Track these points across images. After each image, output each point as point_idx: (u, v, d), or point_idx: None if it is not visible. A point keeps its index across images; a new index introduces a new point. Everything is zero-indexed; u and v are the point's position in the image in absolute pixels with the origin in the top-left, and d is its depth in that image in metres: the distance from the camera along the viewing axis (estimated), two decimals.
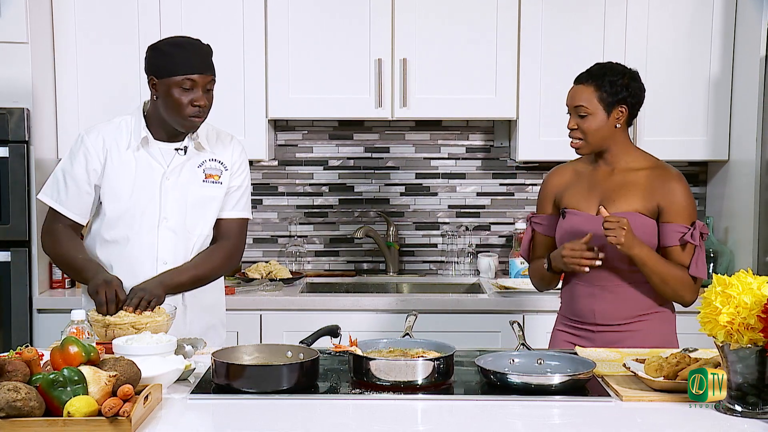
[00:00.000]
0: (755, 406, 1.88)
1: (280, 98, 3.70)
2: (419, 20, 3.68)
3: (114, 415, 1.75)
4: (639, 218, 2.54)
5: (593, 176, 2.64)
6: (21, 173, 3.45)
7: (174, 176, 2.65)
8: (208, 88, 2.58)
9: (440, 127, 4.09)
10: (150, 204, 2.63)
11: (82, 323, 2.28)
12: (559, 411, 2.00)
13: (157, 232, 2.64)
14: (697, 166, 4.05)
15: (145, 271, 2.61)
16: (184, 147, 2.66)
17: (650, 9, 3.69)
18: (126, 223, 2.64)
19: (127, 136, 2.65)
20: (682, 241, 2.53)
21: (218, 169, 2.70)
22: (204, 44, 2.63)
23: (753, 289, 1.84)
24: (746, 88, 3.57)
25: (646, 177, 2.58)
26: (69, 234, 2.66)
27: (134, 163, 2.64)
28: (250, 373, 2.07)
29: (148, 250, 2.64)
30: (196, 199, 2.67)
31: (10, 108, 3.43)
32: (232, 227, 2.75)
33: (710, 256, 3.72)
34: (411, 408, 2.02)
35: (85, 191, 2.65)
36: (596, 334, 2.62)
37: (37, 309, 3.52)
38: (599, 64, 2.61)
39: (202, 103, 2.56)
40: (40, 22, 3.58)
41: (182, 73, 2.54)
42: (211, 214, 2.71)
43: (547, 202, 2.74)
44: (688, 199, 2.56)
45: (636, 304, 2.59)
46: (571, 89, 2.60)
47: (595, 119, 2.53)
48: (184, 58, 2.55)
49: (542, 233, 2.75)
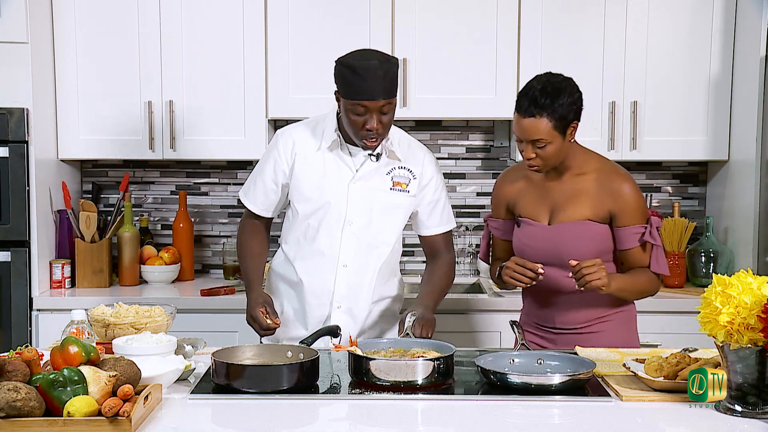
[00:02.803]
0: (755, 406, 1.89)
1: (280, 98, 3.70)
2: (419, 20, 3.68)
3: (114, 415, 1.76)
4: (590, 226, 2.55)
5: (544, 183, 2.63)
6: (21, 173, 3.45)
7: (362, 181, 2.66)
8: (383, 111, 2.51)
9: (440, 127, 4.09)
10: (336, 206, 2.65)
11: (82, 323, 2.28)
12: (559, 411, 2.00)
13: (341, 236, 2.66)
14: (697, 166, 4.05)
15: (324, 272, 2.67)
16: (377, 154, 2.66)
17: (650, 9, 3.69)
18: (311, 223, 2.68)
19: (319, 137, 2.68)
20: (641, 241, 2.55)
21: (407, 177, 2.70)
22: (384, 65, 2.48)
23: (753, 289, 1.84)
24: (746, 88, 3.57)
25: (595, 181, 2.57)
26: (254, 228, 2.80)
27: (323, 164, 2.67)
28: (250, 373, 2.07)
29: (330, 251, 2.67)
30: (382, 205, 2.68)
31: (10, 108, 3.43)
32: (442, 242, 2.82)
33: (710, 256, 3.72)
34: (411, 408, 2.02)
35: (271, 189, 2.73)
36: (558, 336, 2.64)
37: (37, 309, 3.52)
38: (540, 89, 2.44)
39: (374, 126, 2.51)
40: (40, 22, 3.58)
41: (354, 98, 2.49)
42: (397, 222, 2.72)
43: (500, 208, 2.74)
44: (639, 199, 2.57)
45: (595, 308, 2.60)
46: (522, 122, 2.45)
47: (554, 145, 2.47)
48: (358, 83, 2.47)
49: (499, 238, 2.77)
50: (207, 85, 3.71)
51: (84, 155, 3.78)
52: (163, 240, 4.09)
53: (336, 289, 2.68)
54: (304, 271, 2.71)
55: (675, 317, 3.43)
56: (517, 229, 2.67)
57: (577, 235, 2.54)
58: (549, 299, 2.63)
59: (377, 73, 2.47)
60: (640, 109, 3.69)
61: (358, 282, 2.69)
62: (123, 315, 2.37)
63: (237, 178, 4.10)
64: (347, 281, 2.68)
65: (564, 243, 2.54)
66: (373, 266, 2.70)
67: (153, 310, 2.41)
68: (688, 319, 2.97)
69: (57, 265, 3.67)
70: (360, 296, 2.70)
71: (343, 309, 2.69)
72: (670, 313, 3.46)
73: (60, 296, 3.57)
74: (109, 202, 4.07)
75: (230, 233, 4.10)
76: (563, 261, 2.48)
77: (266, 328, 2.56)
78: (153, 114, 3.70)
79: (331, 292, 2.69)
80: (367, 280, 2.70)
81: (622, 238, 2.56)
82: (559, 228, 2.57)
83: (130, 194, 3.93)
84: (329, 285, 2.69)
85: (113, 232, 3.79)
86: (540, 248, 2.58)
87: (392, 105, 2.53)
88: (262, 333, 2.58)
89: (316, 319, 2.71)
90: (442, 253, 2.82)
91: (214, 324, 3.44)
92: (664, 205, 4.06)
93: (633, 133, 3.69)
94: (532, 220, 2.62)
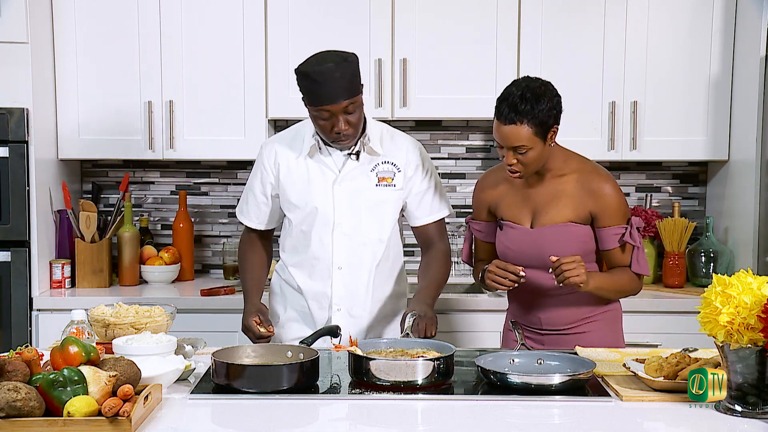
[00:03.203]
0: (755, 406, 1.88)
1: (280, 98, 3.70)
2: (419, 20, 3.68)
3: (114, 415, 1.76)
4: (573, 228, 2.55)
5: (524, 185, 2.62)
6: (21, 173, 3.45)
7: (346, 181, 2.66)
8: (348, 110, 2.52)
9: (440, 127, 4.09)
10: (323, 210, 2.66)
11: (82, 323, 2.28)
12: (559, 411, 2.00)
13: (332, 238, 2.67)
14: (697, 166, 4.05)
15: (320, 276, 2.69)
16: (356, 152, 2.67)
17: (650, 9, 3.69)
18: (304, 230, 2.70)
19: (299, 145, 2.70)
20: (621, 242, 2.55)
21: (391, 171, 2.70)
22: (339, 67, 2.48)
23: (753, 289, 1.84)
24: (746, 88, 3.57)
25: (575, 182, 2.56)
26: (253, 242, 2.84)
27: (306, 171, 2.68)
28: (250, 373, 2.07)
29: (324, 255, 2.68)
30: (369, 203, 2.68)
31: (10, 108, 3.44)
32: (435, 231, 2.78)
33: (710, 256, 3.72)
34: (411, 408, 2.02)
35: (262, 201, 2.77)
36: (544, 337, 2.65)
37: (37, 309, 3.52)
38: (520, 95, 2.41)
39: (341, 129, 2.53)
40: (40, 22, 3.58)
41: (316, 104, 2.51)
42: (387, 218, 2.71)
43: (481, 210, 2.74)
44: (620, 199, 2.56)
45: (580, 308, 2.61)
46: (503, 128, 2.42)
47: (535, 150, 2.45)
48: (316, 89, 2.49)
49: (481, 240, 2.77)
50: (207, 85, 3.71)
51: (84, 155, 3.78)
52: (163, 240, 4.09)
53: (333, 292, 2.69)
54: (302, 277, 2.73)
55: (675, 317, 3.43)
56: (499, 232, 2.67)
57: (559, 237, 2.54)
58: (533, 301, 2.64)
59: (334, 75, 2.47)
60: (640, 109, 3.69)
61: (355, 283, 2.69)
62: (123, 315, 2.37)
63: (237, 178, 4.10)
64: (344, 283, 2.69)
65: (547, 245, 2.54)
66: (369, 265, 2.70)
67: (153, 310, 2.41)
68: (688, 319, 2.98)
69: (57, 265, 3.67)
70: (358, 297, 2.70)
71: (343, 311, 2.69)
72: (670, 313, 3.46)
73: (60, 296, 3.57)
74: (109, 202, 4.07)
75: (230, 233, 4.10)
76: (546, 263, 2.46)
77: (259, 337, 2.58)
78: (153, 114, 3.70)
79: (329, 296, 2.69)
80: (364, 280, 2.70)
81: (603, 239, 2.56)
82: (541, 231, 2.57)
83: (130, 194, 3.93)
84: (326, 289, 2.69)
85: (113, 232, 3.79)
86: (523, 251, 2.58)
87: (356, 103, 2.53)
88: (256, 342, 2.59)
89: (319, 322, 2.72)
90: (435, 242, 2.79)
91: (214, 324, 3.44)
92: (664, 205, 4.06)
93: (633, 133, 3.69)
94: (514, 223, 2.62)
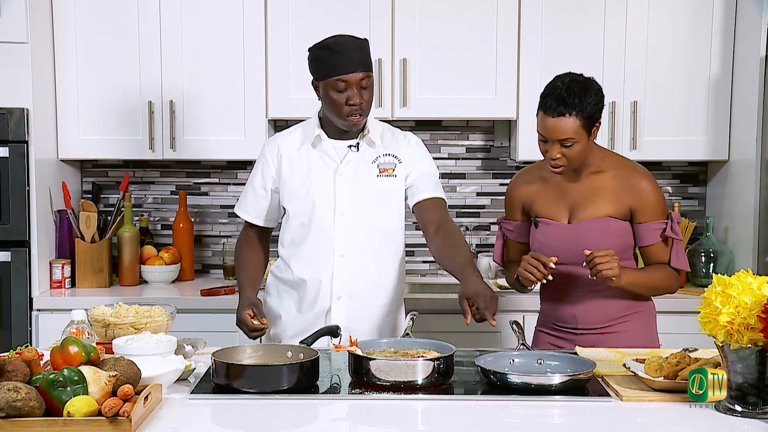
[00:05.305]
0: (755, 406, 1.88)
1: (280, 98, 3.70)
2: (419, 20, 3.68)
3: (114, 415, 1.75)
4: (612, 223, 2.55)
5: (561, 182, 2.62)
6: (21, 173, 3.45)
7: (348, 171, 2.68)
8: (363, 85, 2.57)
9: (440, 127, 4.09)
10: (325, 198, 2.68)
11: (82, 323, 2.28)
12: (559, 411, 2.00)
13: (334, 226, 2.68)
14: (697, 166, 4.05)
15: (321, 265, 2.68)
16: (356, 143, 2.69)
17: (650, 9, 3.69)
18: (304, 220, 2.70)
19: (302, 137, 2.73)
20: (663, 237, 2.55)
21: (392, 163, 2.71)
22: (357, 41, 2.61)
23: (753, 289, 1.84)
24: (746, 88, 3.57)
25: (614, 179, 2.56)
26: (250, 239, 2.84)
27: (307, 161, 2.71)
28: (250, 373, 2.07)
29: (325, 244, 2.68)
30: (371, 192, 2.69)
31: (10, 108, 3.44)
32: (440, 207, 2.71)
33: (710, 256, 3.72)
34: (411, 408, 2.02)
35: (261, 195, 2.78)
36: (578, 336, 2.63)
37: (37, 309, 3.52)
38: (567, 88, 2.43)
39: (356, 101, 2.57)
40: (40, 22, 3.58)
41: (334, 74, 2.56)
42: (390, 208, 2.72)
43: (515, 210, 2.73)
44: (659, 195, 2.57)
45: (617, 307, 2.60)
46: (550, 121, 2.43)
47: (580, 144, 2.46)
48: (335, 59, 2.56)
49: (514, 240, 2.76)
50: (207, 85, 3.71)
51: (84, 155, 3.79)
52: (163, 240, 4.09)
53: (335, 281, 2.69)
54: (302, 267, 2.72)
55: (675, 317, 3.43)
56: (534, 230, 2.65)
57: (598, 232, 2.53)
58: (567, 298, 2.61)
59: (352, 46, 2.58)
60: (640, 109, 3.69)
61: (356, 270, 2.69)
62: (123, 315, 2.37)
63: (237, 178, 4.10)
64: (345, 270, 2.68)
65: (585, 240, 2.52)
66: (371, 255, 2.70)
67: (153, 310, 2.42)
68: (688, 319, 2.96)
69: (57, 265, 3.67)
70: (358, 286, 2.70)
71: (343, 300, 2.69)
72: (670, 313, 3.45)
73: (60, 296, 3.57)
74: (109, 202, 4.07)
75: (230, 233, 4.10)
76: (583, 259, 2.45)
77: (253, 329, 2.57)
78: (153, 114, 3.70)
79: (330, 284, 2.69)
80: (365, 269, 2.70)
81: (643, 235, 2.55)
82: (580, 226, 2.56)
83: (130, 194, 3.93)
84: (327, 277, 2.69)
85: (113, 232, 3.79)
86: (560, 247, 2.56)
87: (370, 80, 2.59)
88: (250, 335, 2.59)
89: (316, 313, 2.71)
90: (446, 220, 2.71)
91: (214, 324, 3.44)
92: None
93: (633, 133, 3.69)
94: (551, 219, 2.61)
